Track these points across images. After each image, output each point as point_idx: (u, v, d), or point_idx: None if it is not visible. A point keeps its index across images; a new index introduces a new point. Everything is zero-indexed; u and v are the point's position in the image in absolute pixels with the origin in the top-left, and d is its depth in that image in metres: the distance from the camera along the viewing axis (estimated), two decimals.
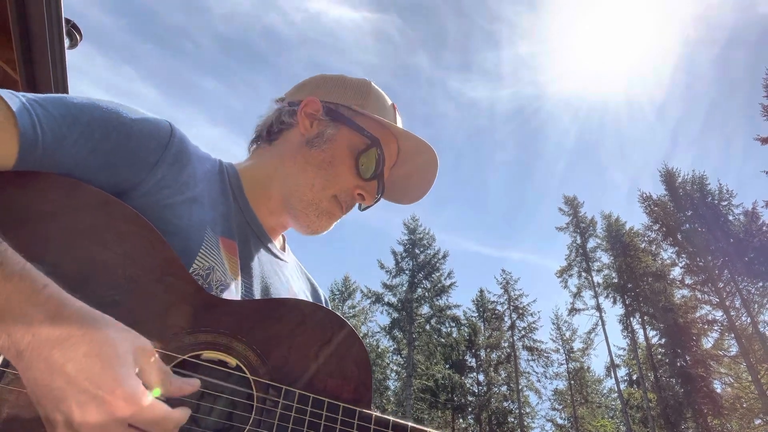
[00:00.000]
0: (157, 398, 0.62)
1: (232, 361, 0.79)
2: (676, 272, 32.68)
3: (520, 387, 33.63)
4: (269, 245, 1.11)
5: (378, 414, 0.85)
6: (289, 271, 1.17)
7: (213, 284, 0.87)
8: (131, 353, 0.61)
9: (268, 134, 1.16)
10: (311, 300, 1.22)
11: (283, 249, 1.21)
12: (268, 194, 1.09)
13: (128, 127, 0.85)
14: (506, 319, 37.16)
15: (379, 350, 34.54)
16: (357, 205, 1.19)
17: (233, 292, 0.92)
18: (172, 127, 0.93)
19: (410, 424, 0.87)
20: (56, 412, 0.56)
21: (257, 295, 1.00)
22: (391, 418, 0.86)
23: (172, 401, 0.65)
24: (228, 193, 1.04)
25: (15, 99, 0.74)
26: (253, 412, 0.77)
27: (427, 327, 34.33)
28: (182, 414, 0.65)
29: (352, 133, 1.10)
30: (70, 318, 0.59)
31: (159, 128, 0.90)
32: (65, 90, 3.66)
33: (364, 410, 0.85)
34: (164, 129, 0.91)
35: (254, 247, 1.05)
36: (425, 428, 0.89)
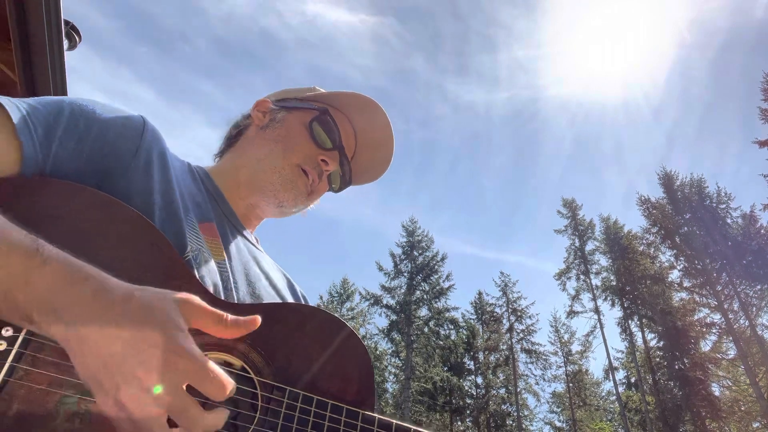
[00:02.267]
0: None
1: (237, 363, 0.79)
2: (675, 275, 32.81)
3: (518, 389, 33.62)
4: (245, 233, 1.15)
5: (381, 416, 0.85)
6: (266, 259, 1.20)
7: (202, 265, 0.89)
8: (178, 311, 0.62)
9: (228, 142, 1.27)
10: (288, 292, 1.24)
11: (258, 243, 1.23)
12: (237, 182, 1.15)
13: (105, 119, 0.89)
14: (505, 321, 37.18)
15: (378, 352, 34.51)
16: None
17: (217, 274, 0.94)
18: (144, 119, 0.97)
19: (413, 426, 0.87)
20: (117, 376, 0.56)
21: (240, 276, 1.02)
22: (394, 420, 0.86)
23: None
24: (200, 185, 1.09)
25: (9, 103, 0.77)
26: (258, 413, 0.77)
27: (426, 329, 34.28)
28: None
29: (301, 111, 1.20)
30: (114, 290, 0.61)
31: (133, 119, 0.94)
32: (64, 92, 3.66)
33: (368, 412, 0.85)
34: (137, 120, 0.95)
35: (230, 232, 1.09)
36: (428, 431, 0.89)
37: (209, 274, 0.90)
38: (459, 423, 33.76)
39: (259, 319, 0.69)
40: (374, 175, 1.34)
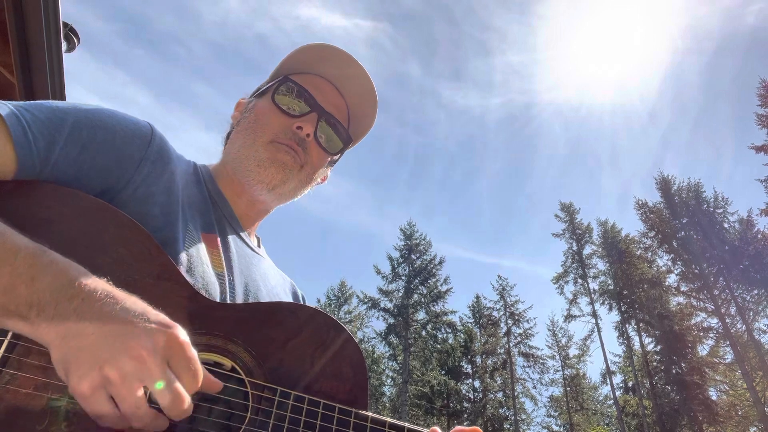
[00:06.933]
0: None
1: (228, 363, 0.79)
2: (672, 279, 32.87)
3: (515, 393, 33.55)
4: (245, 238, 1.15)
5: (374, 414, 0.85)
6: (265, 266, 1.20)
7: (198, 276, 0.89)
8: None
9: (224, 142, 1.27)
10: (288, 297, 1.24)
11: (258, 246, 1.24)
12: (230, 178, 1.15)
13: (112, 127, 0.89)
14: (502, 325, 37.13)
15: (375, 356, 34.42)
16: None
17: (216, 286, 0.94)
18: (152, 126, 0.97)
19: (407, 425, 0.88)
20: (105, 353, 0.58)
21: (239, 288, 1.02)
22: (387, 418, 0.86)
23: None
24: (204, 189, 1.09)
25: (3, 107, 0.76)
26: (249, 413, 0.77)
27: (423, 333, 34.20)
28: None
29: (266, 92, 1.19)
30: (114, 291, 0.65)
31: (140, 127, 0.95)
32: (62, 94, 3.66)
33: (360, 411, 0.85)
34: (145, 128, 0.95)
35: (232, 240, 1.09)
36: (422, 429, 0.89)
37: (208, 285, 0.91)
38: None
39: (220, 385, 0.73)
40: (367, 112, 1.27)
